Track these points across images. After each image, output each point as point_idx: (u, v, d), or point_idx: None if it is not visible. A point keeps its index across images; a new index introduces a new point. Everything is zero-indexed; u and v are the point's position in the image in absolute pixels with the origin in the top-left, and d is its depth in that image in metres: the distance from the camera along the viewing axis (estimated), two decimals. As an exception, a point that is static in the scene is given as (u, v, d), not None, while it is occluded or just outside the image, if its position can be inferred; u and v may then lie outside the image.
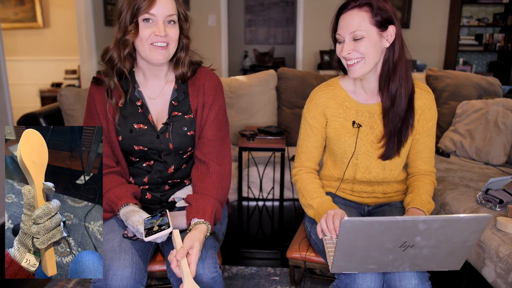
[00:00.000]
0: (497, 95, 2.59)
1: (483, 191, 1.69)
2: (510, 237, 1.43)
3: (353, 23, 1.22)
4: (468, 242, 1.07)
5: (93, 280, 1.16)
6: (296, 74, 2.68)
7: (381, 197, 1.48)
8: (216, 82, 1.39)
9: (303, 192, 1.42)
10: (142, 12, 1.20)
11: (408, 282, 1.16)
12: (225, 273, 2.10)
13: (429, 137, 1.39)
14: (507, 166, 2.25)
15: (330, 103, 1.39)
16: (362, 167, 1.40)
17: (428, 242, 1.05)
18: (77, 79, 5.07)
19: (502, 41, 4.68)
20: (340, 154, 1.41)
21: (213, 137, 1.36)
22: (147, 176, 1.38)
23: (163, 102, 1.36)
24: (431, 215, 1.12)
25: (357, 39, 1.22)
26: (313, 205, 1.36)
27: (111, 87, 1.30)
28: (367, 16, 1.22)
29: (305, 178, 1.44)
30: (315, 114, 1.41)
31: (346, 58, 1.26)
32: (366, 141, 1.38)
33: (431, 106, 1.37)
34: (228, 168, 1.38)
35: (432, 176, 1.43)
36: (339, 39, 1.26)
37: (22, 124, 2.22)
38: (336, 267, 1.13)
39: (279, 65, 5.87)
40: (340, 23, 1.25)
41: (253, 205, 2.27)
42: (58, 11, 5.07)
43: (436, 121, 1.40)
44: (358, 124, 1.36)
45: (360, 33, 1.22)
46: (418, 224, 1.02)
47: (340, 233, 1.03)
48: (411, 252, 1.08)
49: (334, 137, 1.40)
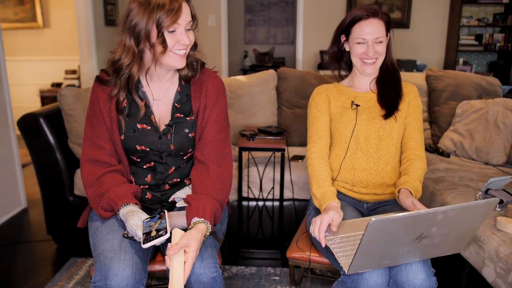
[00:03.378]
0: (497, 95, 2.59)
1: (483, 191, 1.69)
2: (510, 237, 1.43)
3: (377, 30, 1.47)
4: (474, 225, 1.12)
5: (93, 280, 1.16)
6: (296, 74, 2.68)
7: (380, 193, 1.52)
8: (218, 85, 1.39)
9: (311, 180, 1.50)
10: (168, 25, 1.18)
11: (415, 277, 1.17)
12: (225, 273, 2.10)
13: (417, 120, 1.57)
14: (507, 166, 2.25)
15: (331, 90, 1.61)
16: (362, 138, 1.51)
17: (441, 230, 1.08)
18: (77, 79, 5.07)
19: (502, 41, 4.68)
20: (342, 127, 1.54)
21: (214, 138, 1.36)
22: (148, 176, 1.38)
23: (167, 104, 1.36)
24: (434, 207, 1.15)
25: (377, 42, 1.48)
26: (317, 195, 1.43)
27: (115, 86, 1.30)
28: (384, 24, 1.49)
29: (315, 163, 1.52)
30: (319, 99, 1.59)
31: (368, 58, 1.49)
32: (365, 116, 1.53)
33: (416, 95, 1.60)
34: (228, 170, 1.38)
35: (423, 162, 1.53)
36: (361, 42, 1.49)
37: (22, 124, 2.22)
38: (354, 267, 1.13)
39: (279, 65, 5.87)
40: (365, 29, 1.47)
41: (253, 205, 2.27)
42: (58, 11, 5.07)
43: (422, 108, 1.66)
44: (356, 105, 1.55)
45: (381, 38, 1.48)
46: (437, 216, 1.03)
47: (366, 234, 1.02)
48: (424, 243, 1.10)
49: (337, 115, 1.56)
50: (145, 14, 1.18)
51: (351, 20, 1.50)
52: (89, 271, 2.14)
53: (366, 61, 1.49)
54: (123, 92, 1.30)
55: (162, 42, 1.20)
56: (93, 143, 1.33)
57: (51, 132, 2.23)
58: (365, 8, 1.49)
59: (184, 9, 1.21)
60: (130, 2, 1.22)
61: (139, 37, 1.21)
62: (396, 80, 1.57)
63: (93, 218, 1.37)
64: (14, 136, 2.90)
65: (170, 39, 1.21)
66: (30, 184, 3.26)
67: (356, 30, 1.49)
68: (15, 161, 2.90)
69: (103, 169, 1.31)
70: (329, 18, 4.72)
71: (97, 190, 1.29)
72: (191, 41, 1.26)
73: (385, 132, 1.51)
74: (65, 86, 3.83)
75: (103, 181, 1.30)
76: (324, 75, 2.71)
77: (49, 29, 5.14)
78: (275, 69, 2.76)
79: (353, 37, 1.50)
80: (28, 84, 5.23)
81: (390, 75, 1.57)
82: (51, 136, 2.23)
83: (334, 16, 4.70)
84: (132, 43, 1.22)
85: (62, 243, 2.44)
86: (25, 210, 2.96)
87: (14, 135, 2.91)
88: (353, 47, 1.51)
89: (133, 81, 1.28)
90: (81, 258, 2.27)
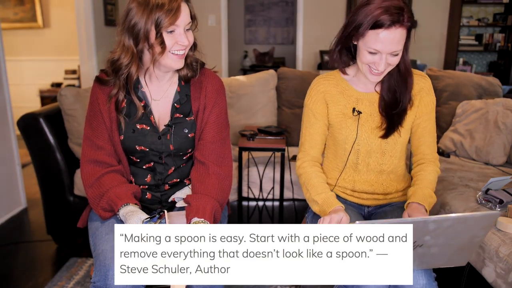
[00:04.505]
0: (497, 95, 2.59)
1: (483, 191, 1.69)
2: (510, 237, 1.43)
3: (396, 42, 1.22)
4: (476, 238, 1.05)
5: (92, 280, 1.16)
6: (296, 74, 2.68)
7: (382, 198, 1.47)
8: (218, 85, 1.39)
9: (308, 187, 1.42)
10: (167, 25, 1.18)
11: (416, 282, 1.16)
12: (225, 273, 2.09)
13: (429, 121, 1.42)
14: (507, 166, 2.25)
15: (331, 90, 1.42)
16: (363, 152, 1.41)
17: (437, 240, 1.04)
18: (77, 79, 5.07)
19: (502, 41, 4.68)
20: (342, 140, 1.42)
21: (213, 139, 1.36)
22: (148, 176, 1.38)
23: (166, 104, 1.36)
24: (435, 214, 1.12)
25: (393, 55, 1.25)
26: (318, 201, 1.36)
27: (114, 86, 1.30)
28: (405, 33, 1.23)
29: (309, 172, 1.44)
30: (316, 100, 1.43)
31: (377, 69, 1.27)
32: (367, 128, 1.40)
33: (429, 90, 1.41)
34: (228, 170, 1.37)
35: (436, 164, 1.43)
36: (373, 52, 1.25)
37: (22, 124, 2.22)
38: None
39: (279, 65, 5.87)
40: (381, 40, 1.21)
41: (253, 205, 2.27)
42: (58, 11, 5.07)
43: (435, 105, 1.43)
44: (358, 111, 1.39)
45: (399, 50, 1.25)
46: (428, 224, 1.00)
47: None
48: (420, 251, 1.07)
49: (336, 124, 1.42)
50: (144, 14, 1.17)
51: (368, 23, 1.22)
52: (89, 271, 2.14)
53: (374, 70, 1.29)
54: (122, 92, 1.30)
55: (161, 43, 1.20)
56: (93, 143, 1.33)
57: (51, 132, 2.23)
58: (389, 12, 1.19)
59: (183, 9, 1.20)
60: (129, 2, 1.22)
61: (138, 37, 1.20)
62: (406, 87, 1.36)
63: (93, 218, 1.37)
64: (14, 136, 2.90)
65: (169, 40, 1.21)
66: (30, 184, 3.26)
67: (371, 36, 1.23)
68: (15, 161, 2.90)
69: (103, 170, 1.31)
70: (329, 18, 4.72)
71: (97, 190, 1.29)
72: (190, 41, 1.25)
73: (388, 146, 1.40)
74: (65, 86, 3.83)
75: (103, 181, 1.30)
76: (324, 75, 2.71)
77: (49, 29, 5.14)
78: (275, 69, 2.76)
79: (365, 41, 1.25)
80: (28, 84, 5.23)
81: (400, 81, 1.35)
82: (51, 136, 2.23)
83: (334, 16, 4.70)
84: (131, 43, 1.22)
85: (62, 243, 2.44)
86: (25, 210, 2.96)
87: (14, 135, 2.91)
88: (363, 53, 1.28)
89: (132, 81, 1.28)
90: (81, 258, 2.26)
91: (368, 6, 1.23)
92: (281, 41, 6.42)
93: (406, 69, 1.34)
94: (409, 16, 1.21)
